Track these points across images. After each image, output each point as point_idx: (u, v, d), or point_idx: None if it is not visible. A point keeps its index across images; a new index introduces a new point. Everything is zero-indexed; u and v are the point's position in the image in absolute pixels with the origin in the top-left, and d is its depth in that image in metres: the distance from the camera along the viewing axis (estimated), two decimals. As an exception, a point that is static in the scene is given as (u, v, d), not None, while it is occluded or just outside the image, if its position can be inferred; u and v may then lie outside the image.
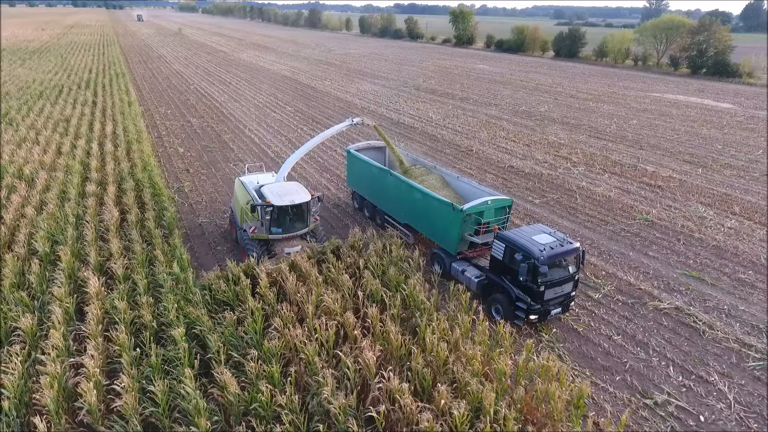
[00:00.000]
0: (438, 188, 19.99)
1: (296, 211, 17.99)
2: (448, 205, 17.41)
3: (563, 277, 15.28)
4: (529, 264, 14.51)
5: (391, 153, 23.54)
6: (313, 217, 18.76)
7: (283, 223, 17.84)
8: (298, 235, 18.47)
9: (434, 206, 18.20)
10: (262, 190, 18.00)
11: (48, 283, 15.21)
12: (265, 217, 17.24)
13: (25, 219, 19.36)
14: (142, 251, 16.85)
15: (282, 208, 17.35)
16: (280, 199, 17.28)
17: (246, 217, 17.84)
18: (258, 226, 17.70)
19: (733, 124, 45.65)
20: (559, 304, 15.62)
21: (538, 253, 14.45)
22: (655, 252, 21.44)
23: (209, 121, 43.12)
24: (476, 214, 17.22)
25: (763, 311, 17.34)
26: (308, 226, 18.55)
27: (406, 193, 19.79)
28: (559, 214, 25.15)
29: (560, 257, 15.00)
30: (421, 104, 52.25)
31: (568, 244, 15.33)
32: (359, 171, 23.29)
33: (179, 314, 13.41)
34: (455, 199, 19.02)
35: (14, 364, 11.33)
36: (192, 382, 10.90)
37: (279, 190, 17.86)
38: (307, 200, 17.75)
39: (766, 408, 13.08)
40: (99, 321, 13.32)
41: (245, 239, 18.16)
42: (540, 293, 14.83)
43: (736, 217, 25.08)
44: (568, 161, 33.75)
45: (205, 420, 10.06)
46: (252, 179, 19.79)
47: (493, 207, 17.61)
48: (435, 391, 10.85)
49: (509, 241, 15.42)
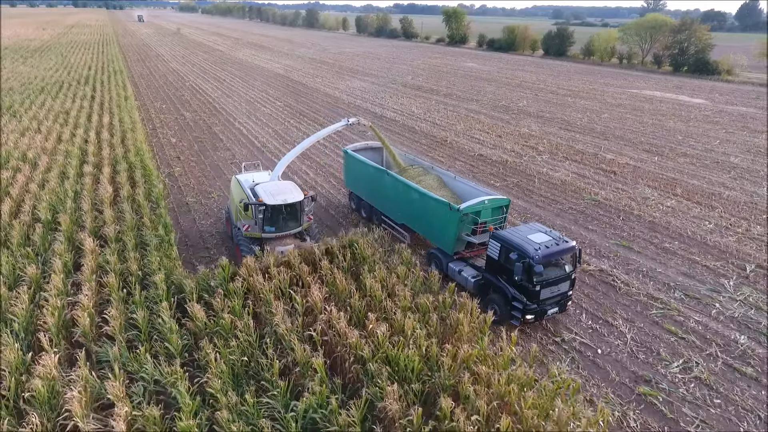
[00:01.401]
0: (435, 188, 19.87)
1: (289, 211, 18.02)
2: (445, 204, 17.38)
3: (559, 277, 15.17)
4: (524, 263, 14.43)
5: (387, 153, 23.39)
6: (306, 217, 18.80)
7: (276, 222, 17.91)
8: (292, 234, 18.55)
9: (431, 206, 18.15)
10: (256, 189, 18.11)
11: (49, 244, 17.63)
12: (258, 215, 17.40)
13: (29, 194, 21.82)
14: (132, 219, 19.26)
15: (275, 207, 17.47)
16: (273, 198, 17.39)
17: (240, 215, 18.14)
18: (251, 225, 17.89)
19: (700, 118, 48.05)
20: (555, 304, 15.52)
21: (533, 252, 14.35)
22: (594, 226, 23.86)
23: (201, 115, 45.54)
24: (473, 214, 17.21)
25: (677, 273, 19.74)
26: (302, 225, 18.61)
27: (403, 193, 19.72)
28: (516, 194, 27.53)
29: (555, 256, 14.88)
30: (406, 100, 54.67)
31: (564, 243, 15.15)
32: (356, 171, 23.19)
33: (161, 265, 15.83)
34: (452, 199, 18.92)
35: (22, 298, 13.75)
36: (168, 312, 13.32)
37: (272, 189, 17.96)
38: (300, 199, 17.79)
39: (655, 344, 15.48)
40: (93, 271, 15.75)
41: (239, 237, 18.33)
42: (536, 293, 14.71)
43: (677, 198, 27.48)
44: (534, 150, 36.15)
45: (176, 337, 12.49)
46: (248, 177, 19.81)
47: (490, 206, 17.59)
48: (366, 319, 13.27)
49: (504, 241, 15.33)
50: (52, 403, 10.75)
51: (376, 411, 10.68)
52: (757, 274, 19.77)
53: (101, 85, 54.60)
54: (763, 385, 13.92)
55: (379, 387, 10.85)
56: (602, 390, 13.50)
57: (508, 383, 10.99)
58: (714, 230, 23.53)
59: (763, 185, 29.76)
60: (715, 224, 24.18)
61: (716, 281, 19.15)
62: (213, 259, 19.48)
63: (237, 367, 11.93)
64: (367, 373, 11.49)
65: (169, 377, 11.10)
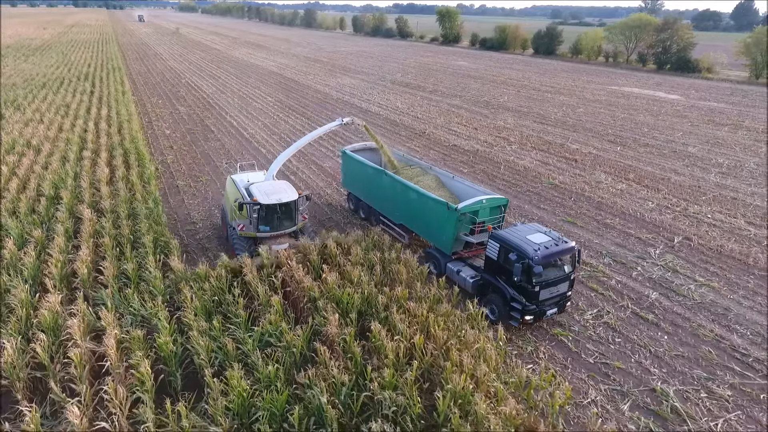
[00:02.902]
0: (433, 188, 19.87)
1: (284, 210, 18.13)
2: (443, 204, 17.39)
3: (558, 277, 15.09)
4: (523, 264, 14.36)
5: (381, 153, 23.16)
6: (301, 216, 18.90)
7: (271, 222, 18.00)
8: (287, 233, 18.63)
9: (429, 206, 18.14)
10: (251, 189, 18.23)
11: (53, 214, 20.07)
12: (252, 215, 17.45)
13: (34, 174, 24.27)
14: (126, 194, 21.70)
15: (269, 206, 17.58)
16: (268, 198, 17.47)
17: (235, 214, 18.27)
18: (246, 224, 17.98)
19: (670, 112, 50.46)
20: (554, 304, 15.46)
21: (533, 253, 14.28)
22: (546, 205, 26.27)
23: (195, 110, 47.97)
24: (471, 214, 17.23)
25: (611, 243, 22.14)
26: (296, 224, 18.70)
27: (401, 193, 19.71)
28: (480, 179, 29.94)
29: (555, 257, 14.81)
30: (392, 95, 57.09)
31: (563, 243, 15.06)
32: (354, 172, 23.12)
33: (150, 230, 18.26)
34: (450, 199, 18.95)
35: (30, 254, 16.18)
36: (154, 264, 15.75)
37: (267, 189, 18.07)
38: (295, 199, 17.88)
39: (576, 298, 17.88)
40: (90, 235, 18.17)
41: (234, 236, 18.45)
42: (535, 293, 14.66)
43: (628, 182, 29.90)
44: (506, 141, 38.58)
45: (159, 282, 14.92)
46: (243, 178, 19.89)
47: (488, 206, 17.61)
48: (322, 271, 15.68)
49: (504, 241, 15.27)
50: (55, 329, 13.16)
51: (321, 335, 13.11)
52: (682, 244, 22.19)
53: (100, 81, 57.08)
54: (661, 329, 16.33)
55: (324, 317, 13.26)
56: (521, 331, 15.91)
57: (429, 315, 13.39)
58: (654, 209, 25.94)
59: (711, 171, 32.19)
60: (657, 204, 26.60)
61: (644, 250, 21.57)
62: (197, 230, 21.94)
63: (209, 305, 14.36)
64: (316, 309, 13.90)
65: (152, 310, 13.52)
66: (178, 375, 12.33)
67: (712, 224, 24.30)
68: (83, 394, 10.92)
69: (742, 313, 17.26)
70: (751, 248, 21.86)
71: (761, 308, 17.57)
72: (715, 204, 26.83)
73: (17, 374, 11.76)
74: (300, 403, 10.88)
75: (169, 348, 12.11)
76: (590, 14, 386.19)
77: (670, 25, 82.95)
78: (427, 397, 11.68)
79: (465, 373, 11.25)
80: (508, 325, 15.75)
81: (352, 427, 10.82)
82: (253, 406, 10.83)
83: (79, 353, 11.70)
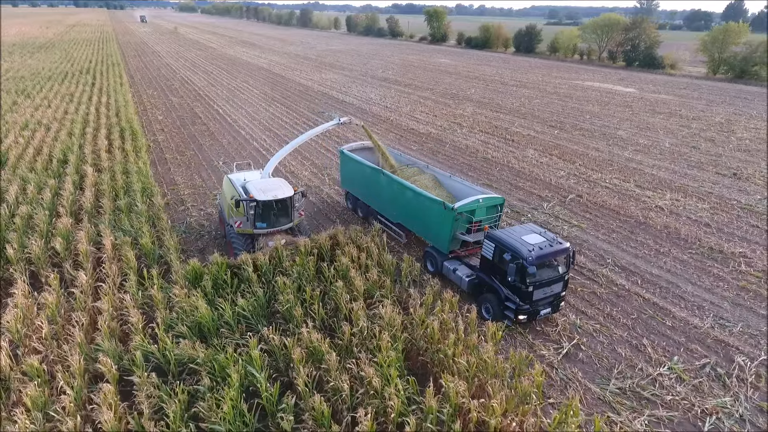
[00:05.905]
0: (430, 188, 20.11)
1: (280, 206, 18.41)
2: (440, 203, 17.58)
3: (552, 278, 15.24)
4: (517, 264, 14.53)
5: (377, 152, 23.44)
6: (297, 212, 19.19)
7: (268, 218, 18.28)
8: (283, 230, 18.98)
9: (426, 205, 18.39)
10: (247, 186, 18.53)
11: (63, 171, 25.25)
12: (249, 212, 17.72)
13: (45, 144, 29.47)
14: (121, 159, 26.88)
15: (265, 203, 17.81)
16: (263, 195, 17.72)
17: (232, 212, 18.63)
18: (243, 221, 18.22)
19: (618, 103, 55.58)
20: (548, 305, 15.62)
21: (527, 254, 14.42)
22: (472, 173, 31.37)
23: (187, 100, 53.14)
24: (468, 213, 17.45)
25: (515, 199, 27.23)
26: (293, 221, 19.03)
27: (398, 192, 20.01)
28: (425, 155, 35.03)
29: (549, 257, 14.97)
30: (369, 89, 62.25)
31: (558, 244, 15.19)
32: (352, 171, 23.40)
33: (138, 181, 23.43)
34: (447, 198, 19.25)
35: (46, 195, 21.34)
36: (148, 229, 20.73)
37: (262, 186, 18.37)
38: (290, 195, 18.15)
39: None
40: (93, 185, 23.33)
41: (231, 234, 18.79)
42: (528, 293, 14.83)
43: (551, 157, 35.03)
44: (458, 126, 43.72)
45: (145, 212, 20.08)
46: (239, 176, 20.13)
47: (485, 205, 17.78)
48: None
49: (499, 241, 15.43)
50: (68, 236, 18.28)
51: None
52: (573, 200, 27.29)
53: (100, 75, 62.33)
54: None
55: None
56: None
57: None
58: (563, 176, 31.05)
59: (628, 149, 37.31)
60: (567, 173, 31.72)
61: (539, 204, 26.69)
62: (179, 189, 27.06)
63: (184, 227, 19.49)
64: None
65: (138, 226, 18.65)
66: (154, 262, 17.44)
67: (606, 187, 29.40)
68: (87, 269, 16.07)
69: (596, 243, 22.38)
70: (629, 203, 26.97)
71: (612, 240, 22.69)
72: (617, 173, 31.93)
73: (42, 257, 16.88)
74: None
75: (148, 246, 17.23)
76: (587, 14, 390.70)
77: (638, 24, 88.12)
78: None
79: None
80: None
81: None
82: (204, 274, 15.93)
83: (84, 249, 16.84)
